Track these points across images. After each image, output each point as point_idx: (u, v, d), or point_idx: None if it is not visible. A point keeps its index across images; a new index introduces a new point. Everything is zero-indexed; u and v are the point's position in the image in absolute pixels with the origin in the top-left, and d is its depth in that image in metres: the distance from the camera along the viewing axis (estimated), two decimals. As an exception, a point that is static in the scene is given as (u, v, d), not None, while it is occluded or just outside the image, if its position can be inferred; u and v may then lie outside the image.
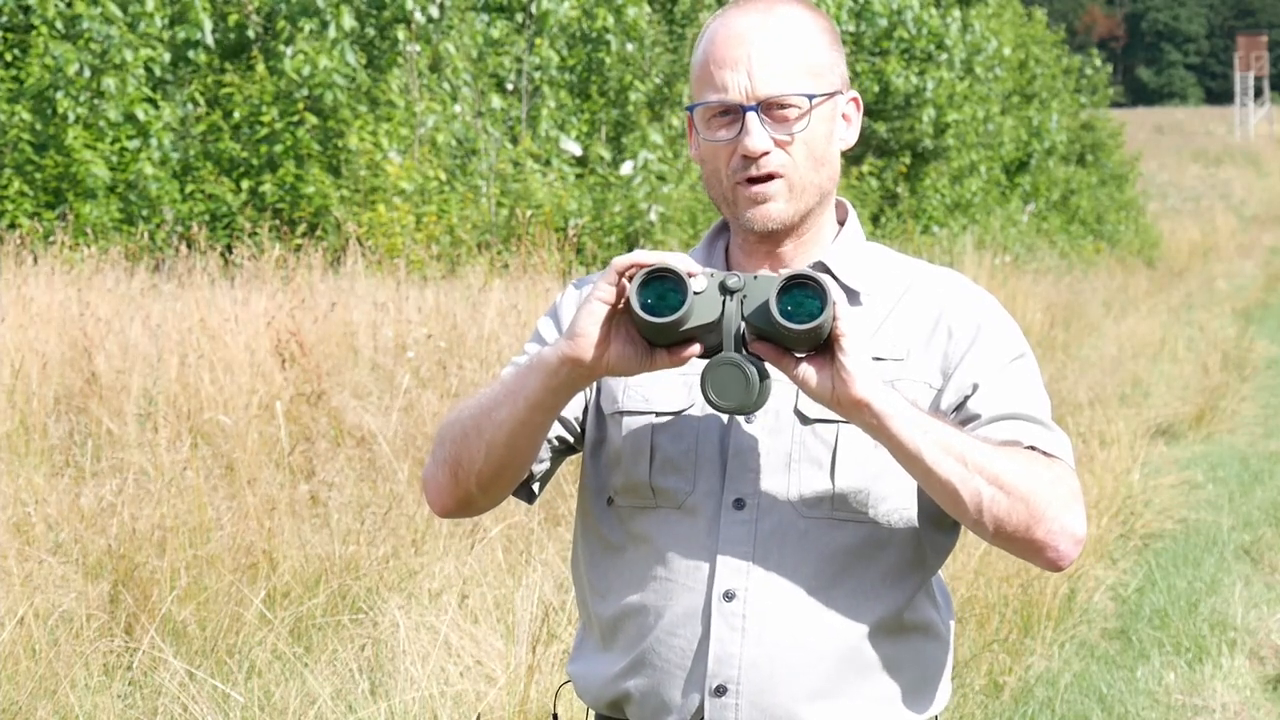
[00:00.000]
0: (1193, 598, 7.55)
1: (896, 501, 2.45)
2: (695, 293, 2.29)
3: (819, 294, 2.28)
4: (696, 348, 2.34)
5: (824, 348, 2.32)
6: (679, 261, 2.30)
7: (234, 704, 5.32)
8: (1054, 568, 2.40)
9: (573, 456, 2.64)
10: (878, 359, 2.44)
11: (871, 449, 2.42)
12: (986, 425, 2.43)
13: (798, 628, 2.42)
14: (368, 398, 8.64)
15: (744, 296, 2.30)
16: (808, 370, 2.32)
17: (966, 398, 2.46)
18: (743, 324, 2.31)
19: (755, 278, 2.30)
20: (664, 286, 2.29)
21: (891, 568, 2.45)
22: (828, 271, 2.51)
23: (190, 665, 5.56)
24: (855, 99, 2.55)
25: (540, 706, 5.19)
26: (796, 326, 2.27)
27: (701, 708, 2.44)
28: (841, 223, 2.58)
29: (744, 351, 2.31)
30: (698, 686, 2.44)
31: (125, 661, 5.71)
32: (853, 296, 2.51)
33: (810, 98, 2.44)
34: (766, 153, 2.44)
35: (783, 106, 2.44)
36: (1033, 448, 2.42)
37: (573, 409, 2.56)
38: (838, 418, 2.42)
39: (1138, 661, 6.72)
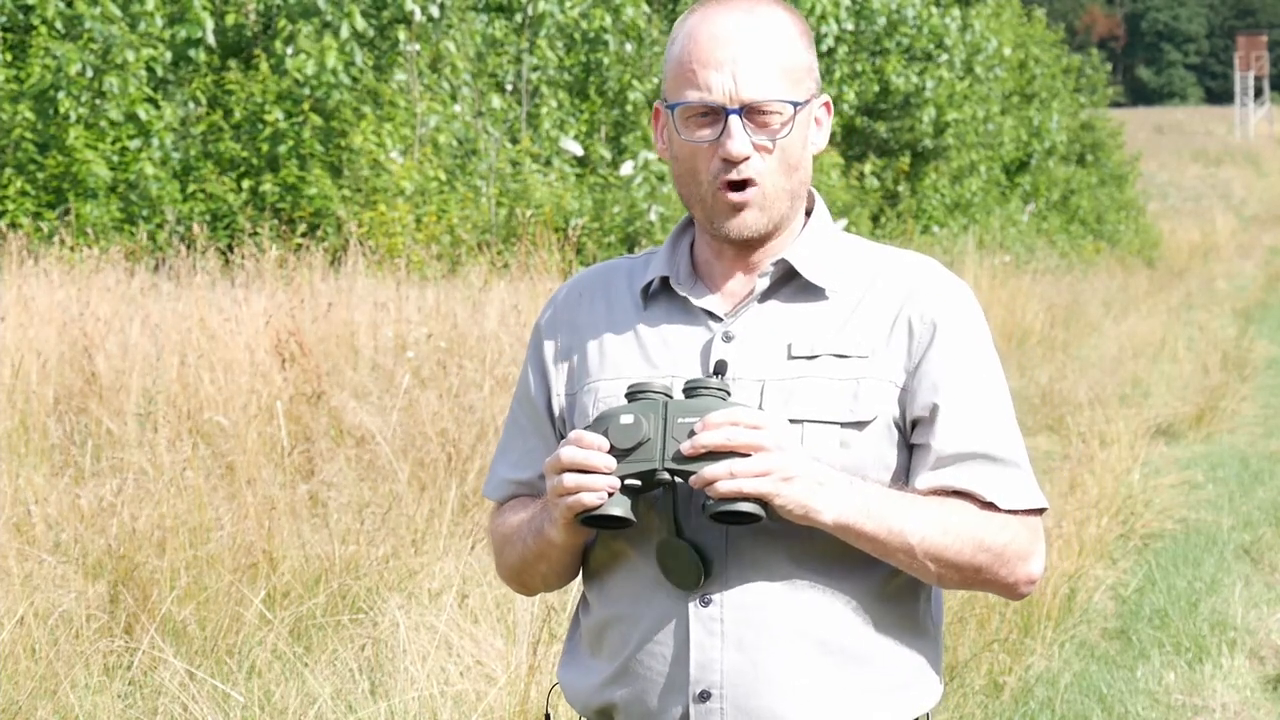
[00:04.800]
0: (1193, 598, 7.55)
1: None
2: (632, 489, 2.36)
3: (749, 516, 2.34)
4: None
5: None
6: (594, 500, 2.36)
7: (234, 704, 5.32)
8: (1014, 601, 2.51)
9: None
10: (842, 356, 2.45)
11: (837, 447, 2.43)
12: (943, 469, 2.45)
13: (776, 628, 2.42)
14: (368, 398, 8.64)
15: (678, 493, 2.39)
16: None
17: (925, 420, 2.46)
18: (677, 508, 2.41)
19: (688, 479, 2.34)
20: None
21: (866, 563, 2.45)
22: (791, 270, 2.50)
23: (190, 665, 5.56)
24: (827, 103, 2.55)
25: (540, 707, 5.19)
26: (735, 527, 2.38)
27: (687, 714, 2.44)
28: (809, 213, 2.57)
29: (682, 536, 2.40)
30: (681, 693, 2.44)
31: (125, 661, 5.71)
32: (818, 293, 2.50)
33: (794, 105, 2.44)
34: (747, 157, 2.43)
35: (765, 112, 2.43)
36: (990, 505, 2.45)
37: None
38: (804, 418, 2.43)
39: (1138, 661, 6.72)
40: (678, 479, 2.35)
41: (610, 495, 2.35)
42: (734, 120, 2.42)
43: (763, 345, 2.46)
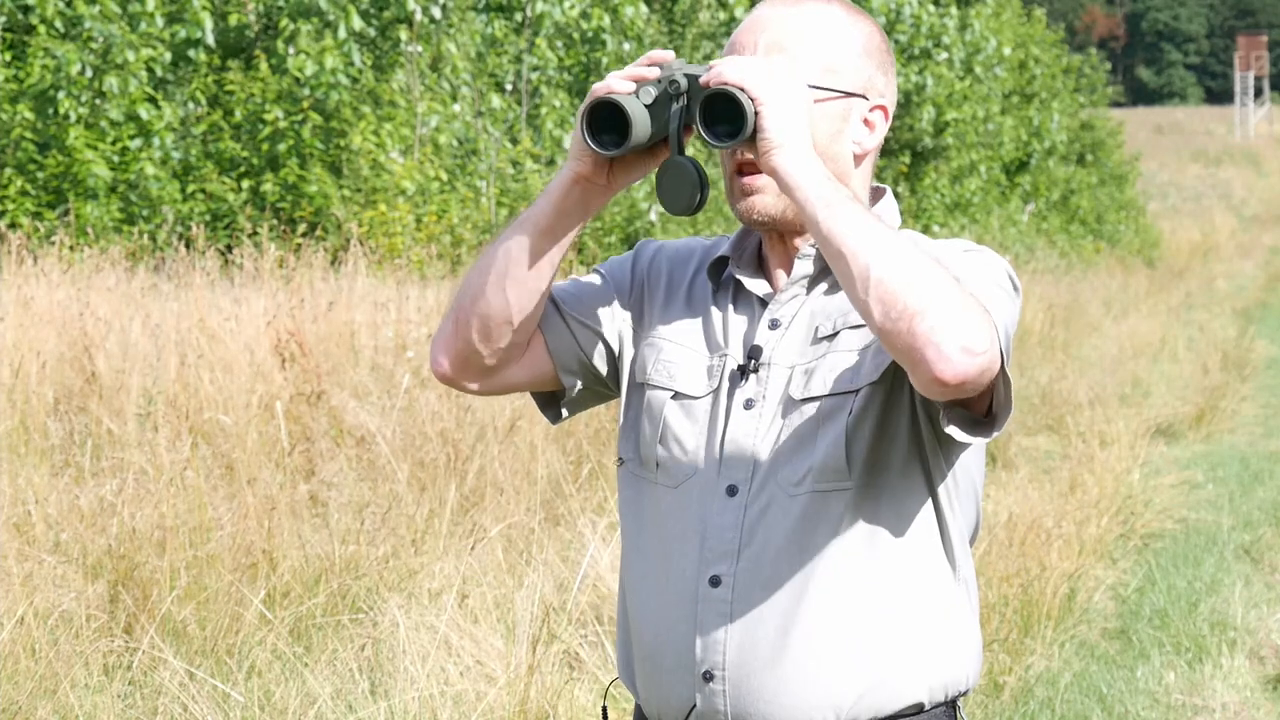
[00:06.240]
0: (1193, 598, 7.55)
1: (876, 467, 2.43)
2: (646, 105, 2.39)
3: (738, 110, 2.34)
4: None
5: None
6: (623, 86, 2.39)
7: (234, 704, 5.33)
8: (938, 377, 2.24)
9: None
10: (857, 326, 2.43)
11: (852, 421, 2.42)
12: None
13: (784, 612, 2.42)
14: (368, 398, 8.64)
15: (685, 101, 2.40)
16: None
17: None
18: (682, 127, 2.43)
19: (698, 79, 2.38)
20: (610, 118, 2.39)
21: (880, 543, 2.44)
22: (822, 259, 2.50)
23: (190, 665, 5.56)
24: (883, 107, 2.53)
25: (540, 707, 5.19)
26: (722, 144, 2.37)
27: (693, 694, 2.46)
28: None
29: (683, 154, 2.42)
30: (688, 673, 2.46)
31: (125, 661, 5.71)
32: None
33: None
34: None
35: None
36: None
37: (599, 351, 2.59)
38: (822, 393, 2.43)
39: (1138, 661, 6.72)
40: (690, 87, 2.38)
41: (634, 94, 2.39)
42: None
43: (799, 332, 2.48)
